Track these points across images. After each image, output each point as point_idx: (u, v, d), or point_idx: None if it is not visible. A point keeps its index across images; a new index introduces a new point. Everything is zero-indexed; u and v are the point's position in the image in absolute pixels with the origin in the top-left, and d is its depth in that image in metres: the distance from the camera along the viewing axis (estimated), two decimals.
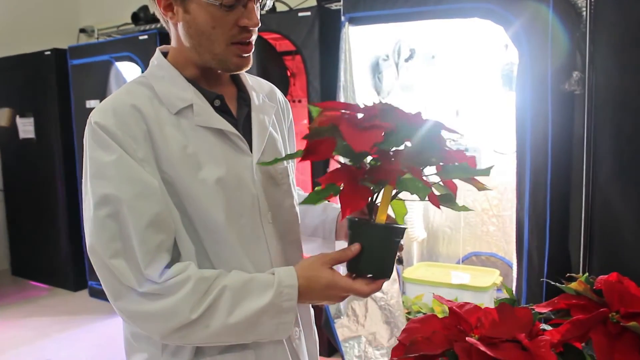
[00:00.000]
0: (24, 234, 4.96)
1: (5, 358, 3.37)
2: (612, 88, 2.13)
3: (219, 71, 1.05)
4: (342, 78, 2.72)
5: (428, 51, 3.45)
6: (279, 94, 1.22)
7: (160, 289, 0.90)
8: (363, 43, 2.88)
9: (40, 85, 4.47)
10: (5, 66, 4.71)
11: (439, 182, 0.91)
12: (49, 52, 4.35)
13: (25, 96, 4.64)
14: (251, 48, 1.01)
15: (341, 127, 0.82)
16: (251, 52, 1.01)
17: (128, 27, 4.19)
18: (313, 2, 3.24)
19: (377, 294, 2.70)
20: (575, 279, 0.83)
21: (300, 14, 2.99)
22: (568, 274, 2.25)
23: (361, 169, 0.89)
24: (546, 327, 0.77)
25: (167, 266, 0.93)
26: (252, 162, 1.03)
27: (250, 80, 1.13)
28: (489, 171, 0.91)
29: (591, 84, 2.16)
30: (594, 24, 2.13)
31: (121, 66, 3.85)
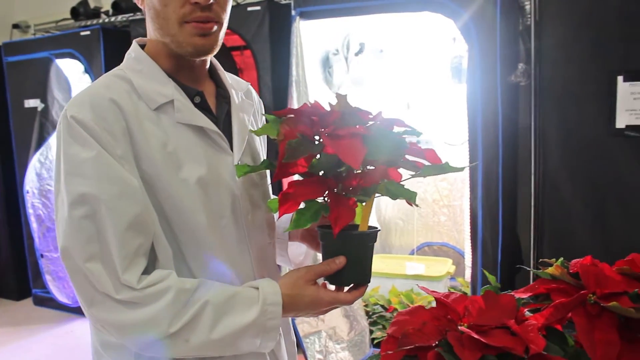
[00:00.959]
0: None
1: None
2: (557, 79, 2.21)
3: (195, 62, 1.01)
4: (294, 72, 2.71)
5: (377, 45, 3.48)
6: (254, 93, 1.19)
7: (138, 297, 0.86)
8: (313, 37, 2.88)
9: None
10: None
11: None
12: None
13: None
14: (211, 27, 0.94)
15: (325, 140, 0.81)
16: (214, 34, 0.96)
17: (67, 22, 4.02)
18: None
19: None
20: (549, 264, 0.86)
21: (249, 9, 2.96)
22: (520, 262, 2.33)
23: (332, 179, 0.89)
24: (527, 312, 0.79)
25: (145, 271, 0.88)
26: (233, 162, 1.00)
27: (228, 77, 1.10)
28: (463, 168, 0.93)
29: (536, 75, 2.24)
30: (539, 17, 2.20)
31: (62, 63, 3.69)
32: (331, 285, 0.96)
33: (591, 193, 2.16)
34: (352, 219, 0.86)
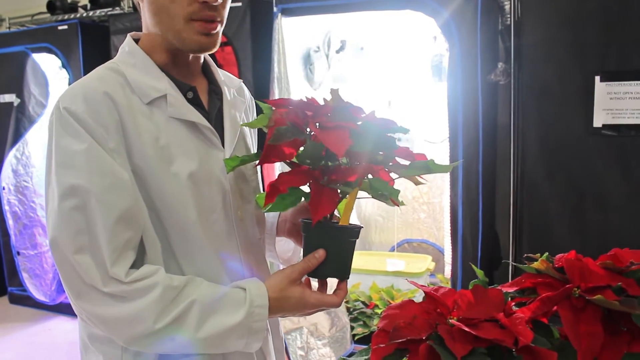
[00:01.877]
0: None
1: None
2: (537, 78, 2.25)
3: (189, 58, 1.01)
4: (275, 69, 2.71)
5: (358, 43, 3.49)
6: (246, 90, 1.19)
7: (125, 290, 0.86)
8: (294, 34, 2.88)
9: None
10: None
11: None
12: None
13: None
14: (215, 26, 0.95)
15: (313, 129, 0.82)
16: (216, 33, 0.97)
17: (44, 16, 3.95)
18: None
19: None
20: (534, 259, 0.87)
21: (231, 5, 2.93)
22: (499, 257, 2.35)
23: (318, 171, 0.89)
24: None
25: (134, 266, 0.88)
26: (224, 157, 1.01)
27: (221, 74, 1.10)
28: (451, 167, 0.94)
29: (516, 74, 2.27)
30: (519, 17, 2.23)
31: (39, 58, 3.62)
32: (312, 278, 0.97)
33: (569, 190, 2.20)
34: (332, 209, 0.87)
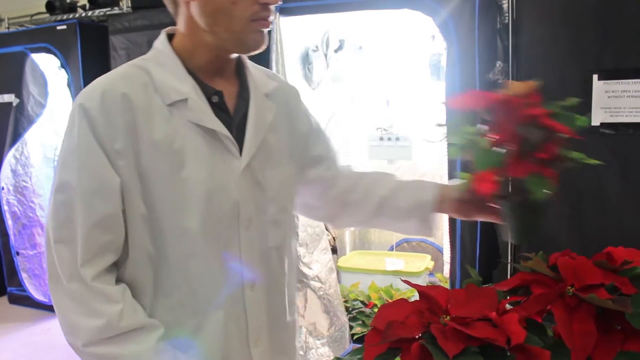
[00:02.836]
0: None
1: None
2: (534, 77, 2.23)
3: (226, 61, 1.01)
4: (274, 68, 2.70)
5: (356, 42, 3.49)
6: (292, 94, 1.16)
7: (83, 296, 0.90)
8: (292, 34, 2.88)
9: None
10: None
11: None
12: None
13: None
14: (269, 24, 0.97)
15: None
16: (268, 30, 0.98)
17: (43, 16, 3.95)
18: None
19: (315, 284, 2.72)
20: (529, 258, 0.88)
21: None
22: (497, 257, 2.34)
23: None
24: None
25: (111, 271, 0.93)
26: (240, 166, 0.99)
27: (257, 76, 1.08)
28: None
29: (514, 73, 2.26)
30: (516, 15, 2.22)
31: (38, 58, 3.62)
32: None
33: (567, 189, 2.19)
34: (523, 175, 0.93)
